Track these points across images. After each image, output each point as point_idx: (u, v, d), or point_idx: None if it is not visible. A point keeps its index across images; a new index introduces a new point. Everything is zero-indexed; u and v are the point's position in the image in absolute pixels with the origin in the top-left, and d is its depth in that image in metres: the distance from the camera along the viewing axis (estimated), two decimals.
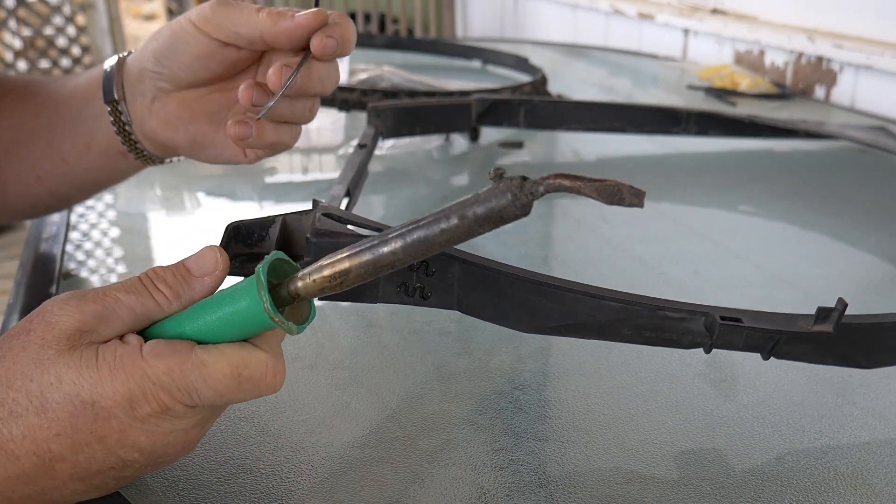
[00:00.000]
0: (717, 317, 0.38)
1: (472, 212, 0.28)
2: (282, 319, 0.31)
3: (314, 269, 0.32)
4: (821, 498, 0.38)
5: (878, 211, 0.77)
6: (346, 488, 0.38)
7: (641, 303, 0.38)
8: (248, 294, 0.31)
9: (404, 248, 0.30)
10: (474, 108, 0.85)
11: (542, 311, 0.38)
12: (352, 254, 0.31)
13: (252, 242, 0.40)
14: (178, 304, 0.33)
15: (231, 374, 0.32)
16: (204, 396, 0.31)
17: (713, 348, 0.39)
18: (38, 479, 0.31)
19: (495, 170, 0.28)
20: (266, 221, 0.40)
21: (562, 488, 0.38)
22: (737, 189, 0.83)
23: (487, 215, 0.28)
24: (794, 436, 0.43)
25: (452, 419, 0.43)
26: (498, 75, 1.35)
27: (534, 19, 2.19)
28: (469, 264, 0.38)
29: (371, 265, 0.31)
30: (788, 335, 0.38)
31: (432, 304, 0.39)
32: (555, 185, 0.28)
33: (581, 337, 0.39)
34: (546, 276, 0.38)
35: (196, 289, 0.34)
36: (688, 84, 1.28)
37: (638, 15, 1.66)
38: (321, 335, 0.52)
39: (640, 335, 0.38)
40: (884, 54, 1.10)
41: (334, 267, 0.31)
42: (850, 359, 0.40)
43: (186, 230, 0.70)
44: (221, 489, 0.38)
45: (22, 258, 0.64)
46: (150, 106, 0.50)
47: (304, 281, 0.32)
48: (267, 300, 0.31)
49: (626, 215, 0.75)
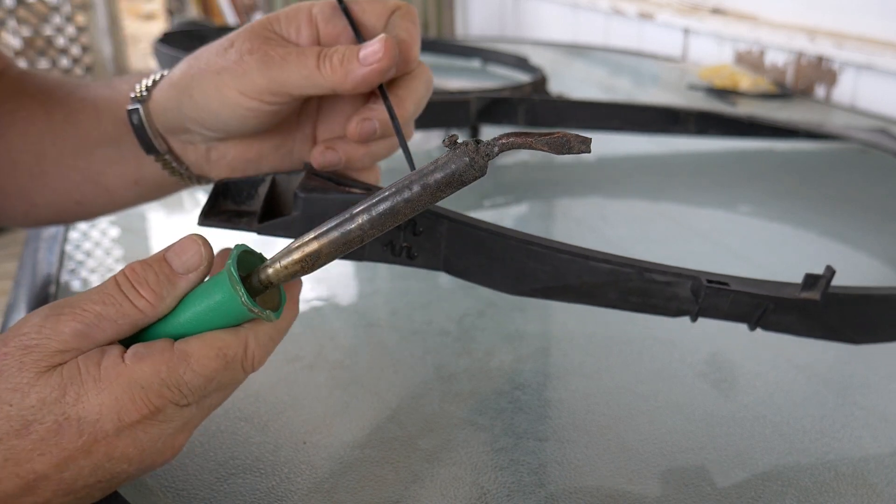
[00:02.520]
0: (704, 280, 0.37)
1: (434, 178, 0.30)
2: (260, 310, 0.32)
3: (283, 254, 0.32)
4: (822, 498, 0.38)
5: (878, 211, 0.77)
6: (346, 488, 0.38)
7: (630, 264, 0.37)
8: (222, 289, 0.31)
9: (371, 222, 0.30)
10: (473, 105, 0.84)
11: (529, 273, 0.38)
12: (319, 234, 0.31)
13: (241, 200, 0.40)
14: (163, 306, 0.32)
15: (216, 355, 0.31)
16: (194, 387, 0.31)
17: (699, 316, 0.38)
18: (21, 498, 0.30)
19: (449, 137, 0.29)
20: (256, 180, 0.40)
21: (562, 488, 0.38)
22: (737, 189, 0.83)
23: (448, 180, 0.30)
24: (794, 436, 0.43)
25: (452, 419, 0.43)
26: (498, 75, 1.35)
27: (534, 19, 2.19)
28: (457, 223, 0.38)
29: (340, 243, 0.31)
30: (776, 302, 0.38)
31: (418, 264, 0.38)
32: (508, 144, 0.29)
33: (567, 300, 0.38)
34: (535, 237, 0.38)
35: (181, 287, 0.32)
36: (688, 84, 1.28)
37: (638, 15, 1.66)
38: (321, 335, 0.52)
39: (626, 300, 0.38)
40: (884, 54, 1.10)
41: (303, 250, 0.31)
42: (838, 332, 0.40)
43: (186, 230, 0.70)
44: (221, 489, 0.38)
45: (22, 258, 0.64)
46: (207, 156, 0.44)
47: (275, 268, 0.32)
48: (243, 294, 0.31)
49: (626, 215, 0.75)
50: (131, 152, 0.46)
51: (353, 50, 0.38)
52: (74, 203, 0.49)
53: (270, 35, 0.39)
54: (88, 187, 0.48)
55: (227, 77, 0.38)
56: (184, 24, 3.01)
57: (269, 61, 0.37)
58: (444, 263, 0.39)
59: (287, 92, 0.38)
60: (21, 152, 0.47)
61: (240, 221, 0.39)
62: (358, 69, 0.37)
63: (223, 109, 0.39)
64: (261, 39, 0.39)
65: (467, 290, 0.58)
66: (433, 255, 0.38)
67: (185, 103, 0.40)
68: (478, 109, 0.85)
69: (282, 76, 0.37)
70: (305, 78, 0.37)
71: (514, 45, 1.56)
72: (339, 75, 0.37)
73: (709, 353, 0.50)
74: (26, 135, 0.47)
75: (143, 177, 0.47)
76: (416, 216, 0.36)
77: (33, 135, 0.47)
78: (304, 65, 0.37)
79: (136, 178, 0.47)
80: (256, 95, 0.38)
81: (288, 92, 0.38)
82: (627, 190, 0.82)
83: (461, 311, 0.55)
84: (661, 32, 1.62)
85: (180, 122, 0.42)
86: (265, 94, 0.38)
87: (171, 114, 0.42)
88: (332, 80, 0.37)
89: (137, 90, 0.44)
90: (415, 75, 0.41)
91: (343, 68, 0.37)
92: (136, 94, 0.44)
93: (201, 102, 0.39)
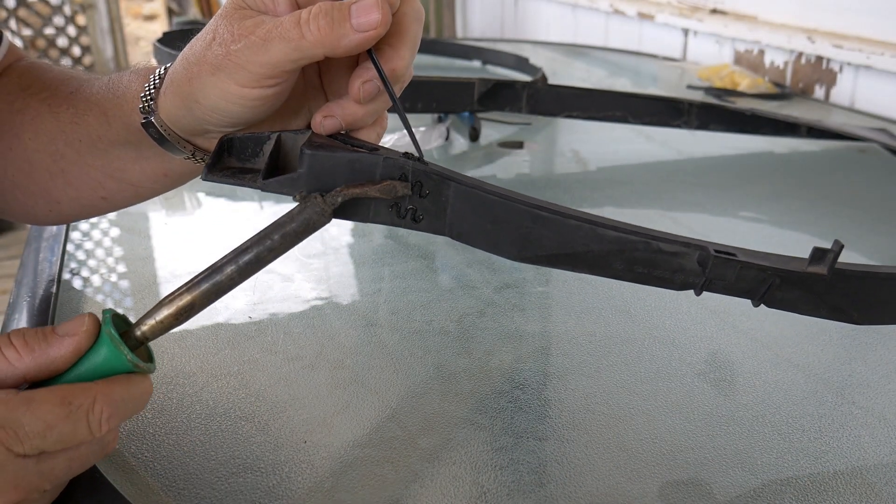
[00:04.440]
0: (712, 250, 0.37)
1: (291, 227, 0.34)
2: (143, 364, 0.33)
3: (154, 310, 0.34)
4: (820, 497, 0.38)
5: (878, 211, 0.77)
6: (346, 487, 0.38)
7: (637, 232, 0.37)
8: (104, 346, 0.33)
9: (238, 271, 0.34)
10: (477, 88, 0.83)
11: (535, 239, 0.37)
12: (191, 286, 0.34)
13: (245, 157, 0.40)
14: (30, 358, 0.31)
15: (60, 401, 0.30)
16: (31, 431, 0.30)
17: (704, 289, 0.38)
18: None
19: (299, 193, 0.35)
20: (261, 137, 0.39)
21: (562, 488, 0.38)
22: (737, 189, 0.83)
23: (303, 228, 0.34)
24: (793, 435, 0.43)
25: (452, 418, 0.43)
26: (498, 75, 1.35)
27: (534, 19, 2.19)
28: (464, 185, 0.37)
29: (212, 292, 0.34)
30: (782, 275, 0.37)
31: (423, 227, 0.38)
32: (347, 194, 0.35)
33: (571, 269, 0.38)
34: (543, 202, 0.38)
35: (53, 346, 0.32)
36: (688, 84, 1.28)
37: (638, 15, 1.66)
38: (321, 335, 0.52)
39: (631, 271, 0.38)
40: (883, 54, 1.10)
41: (177, 304, 0.34)
42: (842, 312, 0.39)
43: (186, 230, 0.70)
44: (222, 488, 0.38)
45: (23, 258, 0.64)
46: None
47: (149, 323, 0.34)
48: (127, 352, 0.33)
49: (626, 216, 0.75)
50: (152, 151, 0.45)
51: (341, 10, 0.35)
52: (100, 199, 0.49)
53: (246, 13, 0.37)
54: (112, 183, 0.48)
55: (223, 75, 0.37)
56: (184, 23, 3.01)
57: (254, 46, 0.36)
58: (448, 229, 0.38)
59: (282, 70, 0.37)
60: (35, 152, 0.47)
61: (244, 178, 0.38)
62: (352, 35, 0.35)
63: (231, 106, 0.38)
64: (238, 21, 0.37)
65: (467, 289, 0.58)
66: (438, 218, 0.38)
67: (194, 109, 0.40)
68: (481, 93, 0.84)
69: (271, 58, 0.36)
70: (294, 50, 0.35)
71: (514, 46, 1.56)
72: (329, 41, 0.35)
73: (708, 353, 0.50)
74: (38, 135, 0.47)
75: (172, 169, 0.47)
76: (422, 178, 0.37)
77: (45, 135, 0.47)
78: (288, 38, 0.35)
79: (164, 172, 0.47)
80: (256, 83, 0.37)
81: (282, 70, 0.37)
82: (627, 190, 0.82)
83: (461, 311, 0.55)
84: (661, 33, 1.62)
85: (197, 126, 0.41)
86: (263, 80, 0.37)
87: (186, 121, 0.41)
88: (322, 48, 0.35)
89: (143, 101, 0.43)
90: (403, 14, 0.38)
91: (334, 32, 0.35)
92: (143, 105, 0.43)
93: (209, 105, 0.39)
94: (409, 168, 0.37)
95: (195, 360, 0.49)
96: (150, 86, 0.43)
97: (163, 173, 0.47)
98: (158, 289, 0.58)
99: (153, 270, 0.61)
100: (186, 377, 0.47)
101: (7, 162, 0.48)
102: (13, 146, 0.47)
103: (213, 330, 0.52)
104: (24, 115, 0.47)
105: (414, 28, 0.38)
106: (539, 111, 0.86)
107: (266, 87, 0.37)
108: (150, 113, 0.42)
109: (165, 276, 0.60)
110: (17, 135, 0.47)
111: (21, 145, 0.47)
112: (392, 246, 0.66)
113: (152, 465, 0.39)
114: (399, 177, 0.37)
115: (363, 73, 0.38)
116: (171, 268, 0.62)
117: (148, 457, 0.40)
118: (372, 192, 0.36)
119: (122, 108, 0.45)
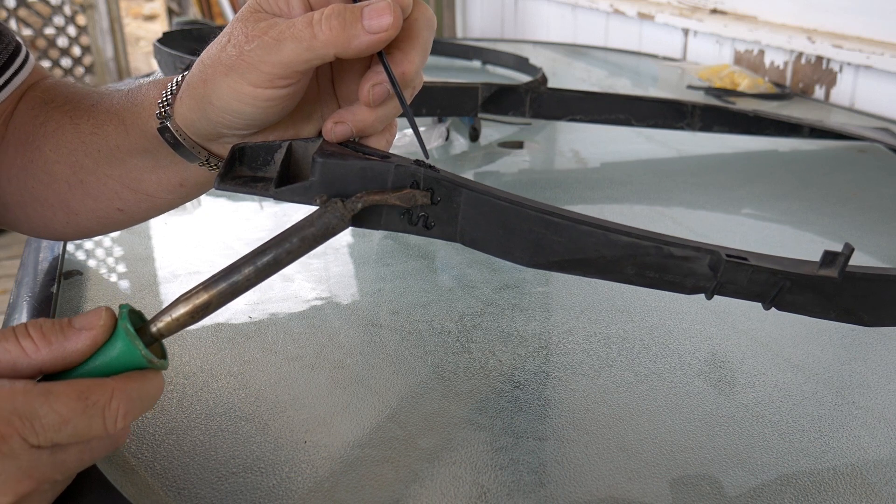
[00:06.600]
0: (723, 255, 0.37)
1: (310, 231, 0.34)
2: (158, 361, 0.33)
3: (171, 307, 0.34)
4: (820, 497, 0.38)
5: (878, 211, 0.78)
6: (346, 487, 0.38)
7: (649, 237, 0.37)
8: (119, 341, 0.33)
9: (256, 272, 0.34)
10: (481, 92, 0.84)
11: (547, 245, 0.38)
12: (208, 284, 0.34)
13: (256, 166, 0.40)
14: (47, 350, 0.32)
15: (77, 396, 0.31)
16: (47, 423, 0.30)
17: (715, 293, 0.38)
18: None
19: (320, 197, 0.35)
20: (272, 146, 0.40)
21: (562, 488, 0.38)
22: (738, 190, 0.83)
23: (323, 232, 0.35)
24: (793, 435, 0.43)
25: (452, 418, 0.43)
26: (498, 75, 1.35)
27: (534, 19, 2.19)
28: (476, 192, 0.37)
29: (228, 292, 0.34)
30: (793, 278, 0.37)
31: (435, 234, 0.38)
32: (368, 201, 0.36)
33: (583, 274, 0.38)
34: (554, 208, 0.38)
35: (70, 339, 0.32)
36: (688, 84, 1.28)
37: (638, 15, 1.66)
38: (321, 335, 0.52)
39: (643, 276, 0.38)
40: (883, 54, 1.11)
41: (193, 301, 0.34)
42: (852, 314, 0.39)
43: (186, 230, 0.70)
44: (222, 488, 0.38)
45: (23, 258, 0.64)
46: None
47: (165, 320, 0.34)
48: (142, 347, 0.32)
49: (626, 216, 0.75)
50: (168, 160, 0.46)
51: (353, 11, 0.36)
52: (116, 210, 0.49)
53: (261, 16, 0.38)
54: (128, 194, 0.48)
55: (236, 75, 0.37)
56: (184, 23, 3.02)
57: (267, 46, 0.36)
58: (460, 235, 0.38)
59: (294, 70, 0.37)
60: (56, 164, 0.48)
61: (256, 186, 0.39)
62: (363, 36, 0.35)
63: (244, 107, 0.38)
64: (252, 24, 0.37)
65: (467, 289, 0.58)
66: (450, 225, 0.38)
67: (208, 111, 0.40)
68: (485, 97, 0.84)
69: (283, 57, 0.36)
70: (306, 50, 0.36)
71: (514, 46, 1.56)
72: (341, 41, 0.35)
73: (708, 353, 0.50)
74: (59, 146, 0.47)
75: (187, 178, 0.47)
76: (433, 184, 0.37)
77: (65, 146, 0.47)
78: (300, 38, 0.36)
79: (179, 181, 0.47)
80: (268, 84, 0.37)
81: (294, 70, 0.37)
82: (628, 190, 0.82)
83: (461, 311, 0.55)
84: (661, 33, 1.62)
85: (212, 130, 0.41)
86: (276, 80, 0.37)
87: (200, 124, 0.41)
88: (333, 48, 0.36)
89: (160, 107, 0.43)
90: (415, 19, 0.38)
91: (346, 33, 0.35)
92: (159, 111, 0.43)
93: (222, 106, 0.39)
94: (420, 175, 0.37)
95: (195, 360, 0.49)
96: (168, 92, 0.43)
97: (178, 182, 0.47)
98: (158, 289, 0.58)
99: (153, 270, 0.61)
100: (186, 377, 0.47)
101: (27, 174, 0.49)
102: (34, 158, 0.48)
103: (213, 330, 0.52)
104: (47, 127, 0.48)
105: (425, 34, 0.39)
106: (542, 115, 0.87)
107: (278, 88, 0.38)
108: (166, 118, 0.43)
109: (165, 276, 0.60)
110: (38, 147, 0.48)
111: (42, 157, 0.48)
112: (392, 246, 0.66)
113: (152, 465, 0.39)
114: (411, 184, 0.37)
115: (373, 76, 0.38)
116: (172, 268, 0.62)
117: (148, 457, 0.40)
118: (392, 200, 0.36)
119: (140, 116, 0.45)
